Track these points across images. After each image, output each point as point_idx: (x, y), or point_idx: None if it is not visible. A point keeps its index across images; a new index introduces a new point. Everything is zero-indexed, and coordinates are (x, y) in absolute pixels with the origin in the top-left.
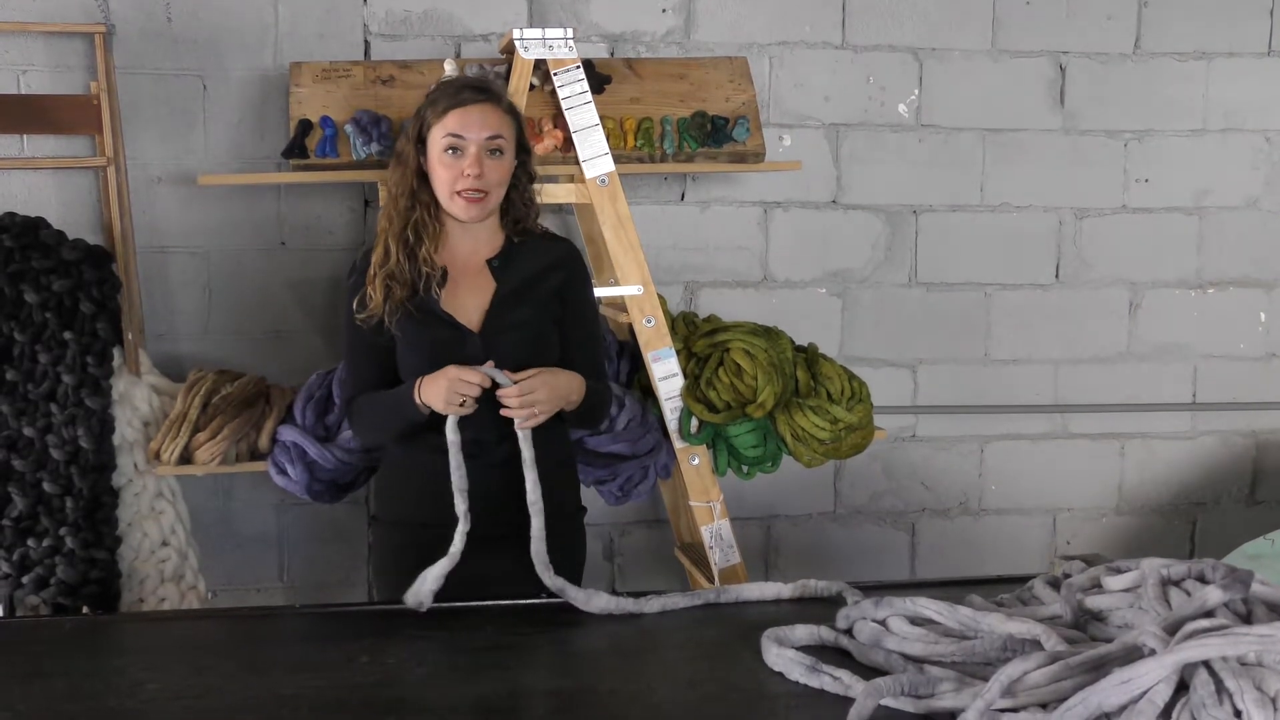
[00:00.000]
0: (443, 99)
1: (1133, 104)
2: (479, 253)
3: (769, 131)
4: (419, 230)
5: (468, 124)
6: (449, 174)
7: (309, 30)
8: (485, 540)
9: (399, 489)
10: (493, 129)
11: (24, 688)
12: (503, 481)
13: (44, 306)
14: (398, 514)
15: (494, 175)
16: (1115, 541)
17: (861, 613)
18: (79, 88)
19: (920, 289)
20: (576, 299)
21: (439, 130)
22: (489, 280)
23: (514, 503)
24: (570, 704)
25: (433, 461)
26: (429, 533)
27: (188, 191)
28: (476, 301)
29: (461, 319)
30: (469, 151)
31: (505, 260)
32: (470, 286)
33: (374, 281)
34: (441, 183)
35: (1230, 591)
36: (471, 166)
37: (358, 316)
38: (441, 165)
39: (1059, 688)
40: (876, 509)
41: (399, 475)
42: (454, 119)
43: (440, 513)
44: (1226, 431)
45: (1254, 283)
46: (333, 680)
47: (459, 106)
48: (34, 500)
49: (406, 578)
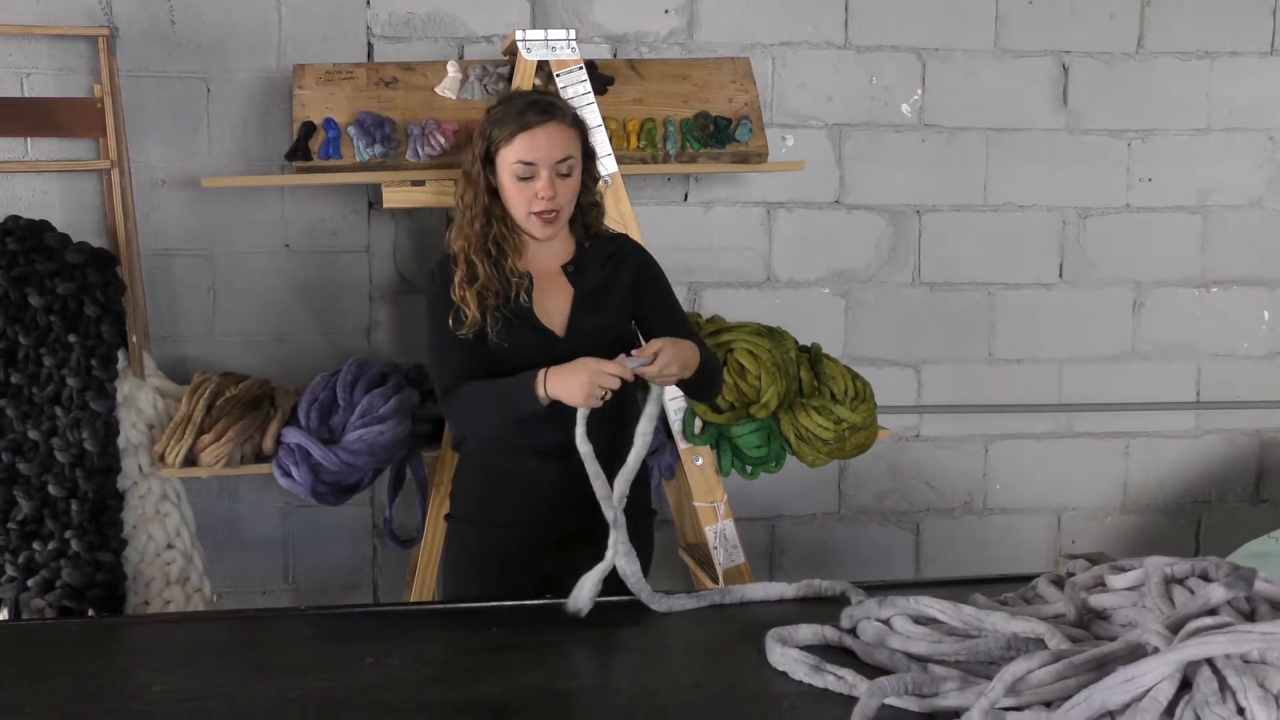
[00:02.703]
0: (510, 121)
1: (1136, 103)
2: (555, 260)
3: (772, 132)
4: (500, 244)
5: (537, 148)
6: (522, 196)
7: (312, 32)
8: (567, 540)
9: (478, 489)
10: (561, 151)
11: (31, 690)
12: (587, 483)
13: (48, 310)
14: (476, 514)
15: (565, 194)
16: (1120, 540)
17: (865, 612)
18: (83, 91)
19: (924, 289)
20: (651, 287)
21: (508, 154)
22: (566, 285)
23: (598, 504)
24: (575, 704)
25: (515, 462)
26: (509, 532)
27: (191, 194)
28: (559, 306)
29: (547, 324)
30: (541, 175)
31: (579, 265)
32: (551, 292)
33: (466, 298)
34: (516, 204)
35: (1233, 589)
36: (545, 190)
37: (459, 331)
38: (514, 188)
39: (1063, 686)
40: (881, 509)
41: (479, 475)
42: (523, 145)
43: (520, 513)
44: (1231, 430)
45: (1258, 281)
46: (338, 681)
47: (525, 130)
48: (39, 503)
49: (481, 576)
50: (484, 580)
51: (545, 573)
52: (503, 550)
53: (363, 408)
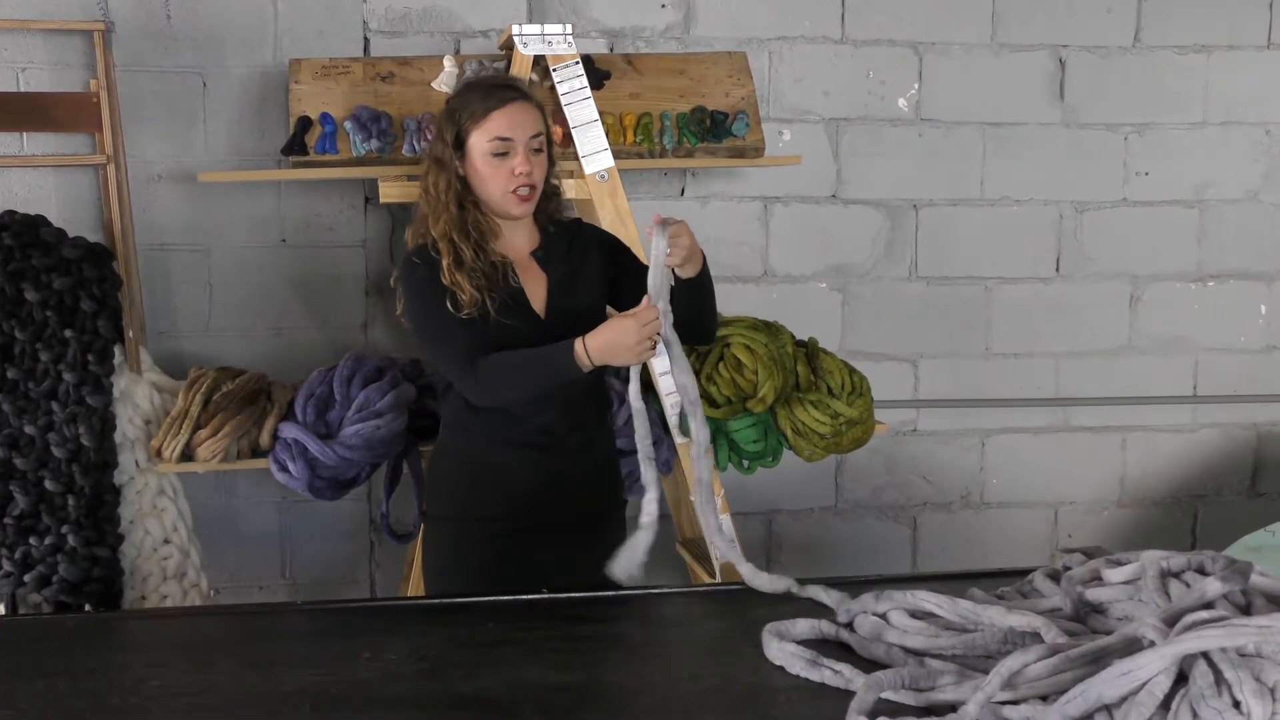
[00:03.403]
0: (478, 103)
1: (1133, 97)
2: (524, 247)
3: (769, 126)
4: (478, 228)
5: (513, 124)
6: (499, 175)
7: (309, 27)
8: (553, 529)
9: (457, 484)
10: (534, 127)
11: (27, 686)
12: (573, 471)
13: (45, 305)
14: (456, 510)
15: (540, 171)
16: (1117, 534)
17: (862, 606)
18: (79, 85)
19: (921, 283)
20: (624, 260)
21: (481, 134)
22: (539, 271)
23: (584, 493)
24: (572, 698)
25: (495, 455)
26: (490, 527)
27: (188, 189)
28: (536, 291)
29: (533, 306)
30: (518, 151)
31: (546, 251)
32: (527, 278)
33: (458, 281)
34: (492, 184)
35: (1229, 583)
36: (523, 165)
37: (462, 314)
38: (489, 167)
39: (1059, 680)
40: (878, 503)
41: (457, 470)
42: (498, 122)
43: (501, 507)
44: (1227, 424)
45: (1254, 275)
46: (335, 676)
47: (500, 108)
48: (36, 498)
49: (465, 575)
50: (467, 579)
51: (529, 567)
52: (485, 546)
53: (359, 402)
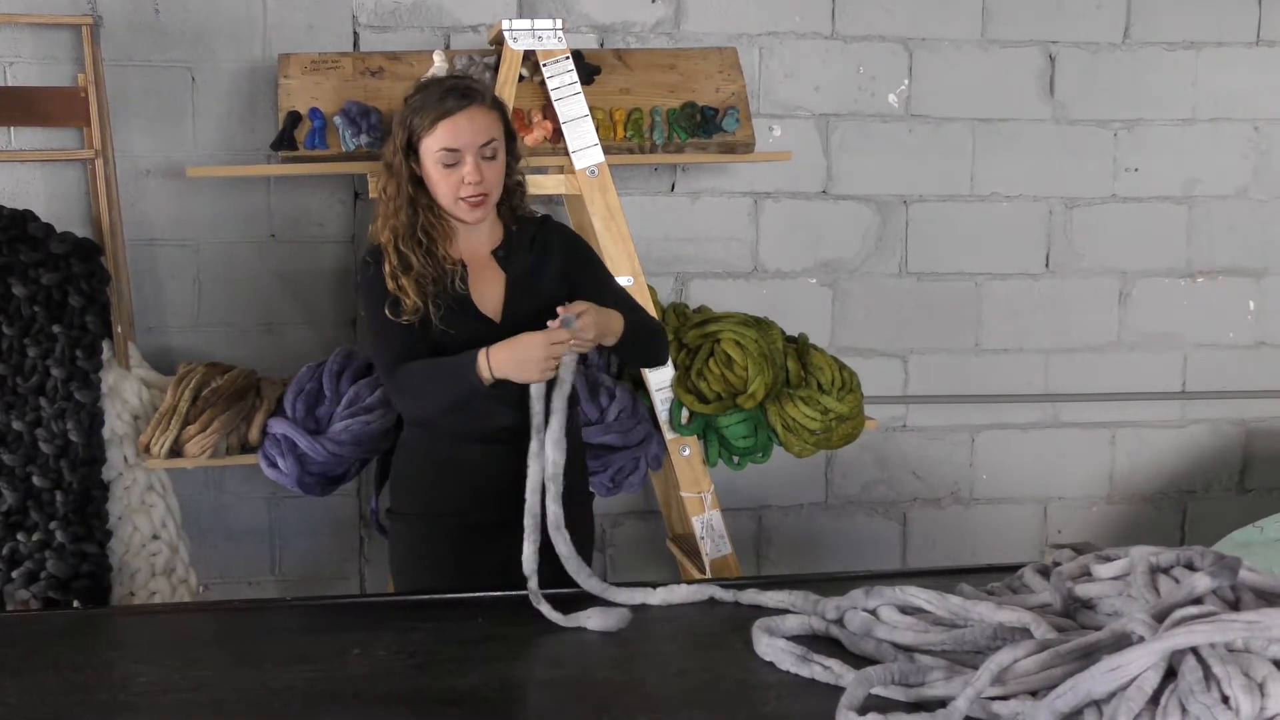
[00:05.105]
0: (429, 109)
1: (1122, 93)
2: (485, 246)
3: (759, 122)
4: (429, 232)
5: (460, 134)
6: (449, 183)
7: (298, 22)
8: (516, 525)
9: (421, 480)
10: (484, 134)
11: (15, 682)
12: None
13: (32, 300)
14: (420, 506)
15: (493, 177)
16: (1106, 530)
17: (852, 602)
18: (66, 80)
19: (911, 279)
20: (582, 270)
21: (431, 143)
22: (499, 271)
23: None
24: (562, 694)
25: (459, 450)
26: (455, 522)
27: (176, 184)
28: (493, 292)
29: (484, 310)
30: (466, 161)
31: (508, 250)
32: (484, 278)
33: (403, 286)
34: (443, 191)
35: (1218, 578)
36: (472, 175)
37: (402, 319)
38: (439, 174)
39: (1049, 675)
40: (868, 499)
41: (420, 466)
42: (445, 132)
43: (466, 502)
44: (1216, 420)
45: (1243, 271)
46: (325, 672)
47: (447, 117)
48: (24, 494)
49: (431, 571)
50: (435, 575)
51: (491, 563)
52: (447, 542)
53: (349, 398)
